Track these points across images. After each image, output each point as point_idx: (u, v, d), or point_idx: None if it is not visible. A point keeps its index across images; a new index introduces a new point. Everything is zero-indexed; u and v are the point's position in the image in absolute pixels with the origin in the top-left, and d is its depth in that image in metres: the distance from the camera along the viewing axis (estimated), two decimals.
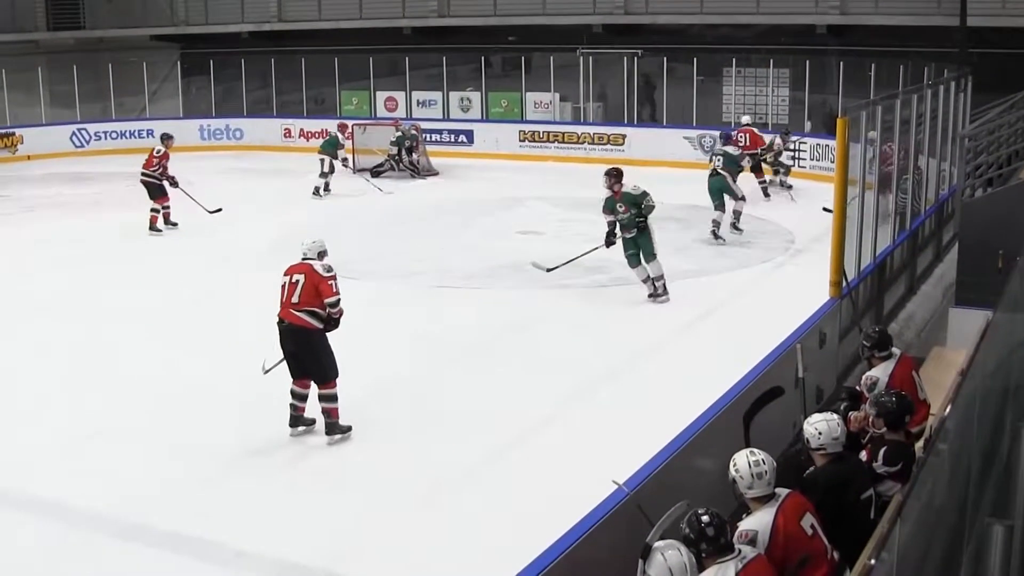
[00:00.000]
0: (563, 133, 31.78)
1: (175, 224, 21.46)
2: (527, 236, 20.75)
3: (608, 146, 30.89)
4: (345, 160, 25.82)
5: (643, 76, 31.55)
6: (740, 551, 6.08)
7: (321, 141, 26.41)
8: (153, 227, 21.45)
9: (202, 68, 37.03)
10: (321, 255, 11.19)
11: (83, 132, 35.45)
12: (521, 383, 12.83)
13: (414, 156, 28.85)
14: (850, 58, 27.83)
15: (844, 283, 12.38)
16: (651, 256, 16.26)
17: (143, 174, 21.64)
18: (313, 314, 10.96)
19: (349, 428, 11.18)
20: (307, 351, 11.03)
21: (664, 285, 16.37)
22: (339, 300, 10.98)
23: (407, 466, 10.62)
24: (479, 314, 15.73)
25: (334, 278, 11.01)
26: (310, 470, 10.70)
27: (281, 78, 35.71)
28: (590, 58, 32.14)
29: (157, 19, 38.74)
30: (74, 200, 25.56)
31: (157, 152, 21.75)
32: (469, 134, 33.20)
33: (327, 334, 11.06)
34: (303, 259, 11.15)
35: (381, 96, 35.17)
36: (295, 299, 10.90)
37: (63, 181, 29.52)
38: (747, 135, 24.10)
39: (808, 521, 6.61)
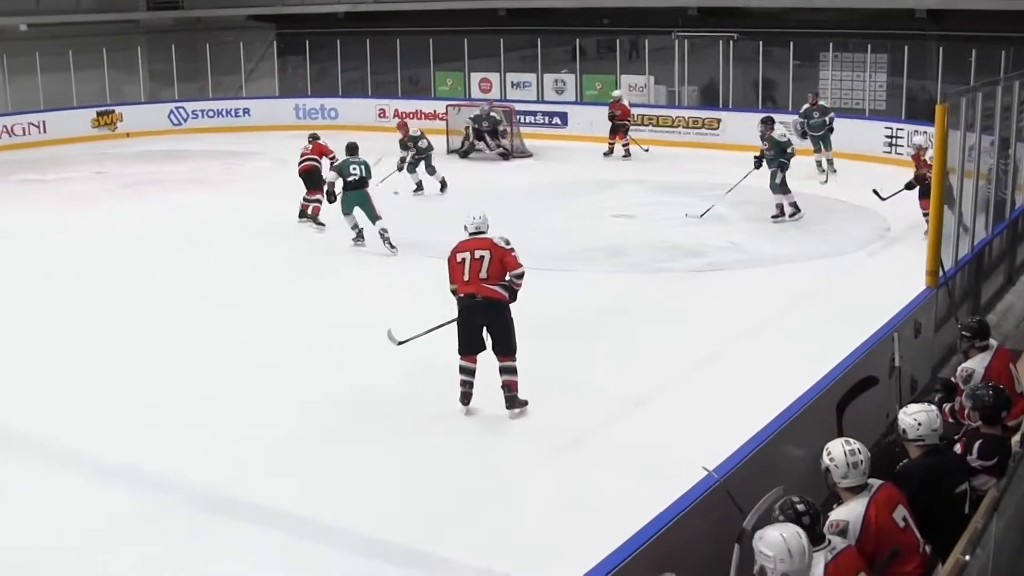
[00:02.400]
0: (657, 116, 31.32)
1: (322, 224, 20.66)
2: (620, 219, 20.67)
3: (703, 130, 30.66)
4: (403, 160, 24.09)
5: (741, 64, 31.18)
6: (830, 541, 6.01)
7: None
8: (304, 214, 20.96)
9: (298, 48, 37.25)
10: (487, 224, 11.48)
11: (181, 110, 35.95)
12: (612, 367, 12.83)
13: (500, 139, 28.79)
14: (950, 43, 27.30)
15: (941, 272, 12.20)
16: (776, 187, 19.79)
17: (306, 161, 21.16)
18: (502, 286, 11.19)
19: (526, 402, 11.43)
20: (499, 324, 11.23)
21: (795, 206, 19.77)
22: (524, 271, 11.26)
23: (492, 447, 10.81)
24: (571, 297, 15.63)
25: (514, 250, 11.26)
26: (413, 447, 10.82)
27: (376, 58, 35.71)
28: (685, 41, 31.80)
29: None
30: (171, 177, 25.91)
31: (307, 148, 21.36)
32: (563, 116, 32.87)
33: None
34: (475, 234, 11.39)
35: (476, 77, 35.04)
36: (483, 274, 11.11)
37: (161, 158, 29.92)
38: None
39: (900, 513, 6.53)
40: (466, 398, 11.45)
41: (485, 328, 11.29)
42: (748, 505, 6.34)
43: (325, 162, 21.06)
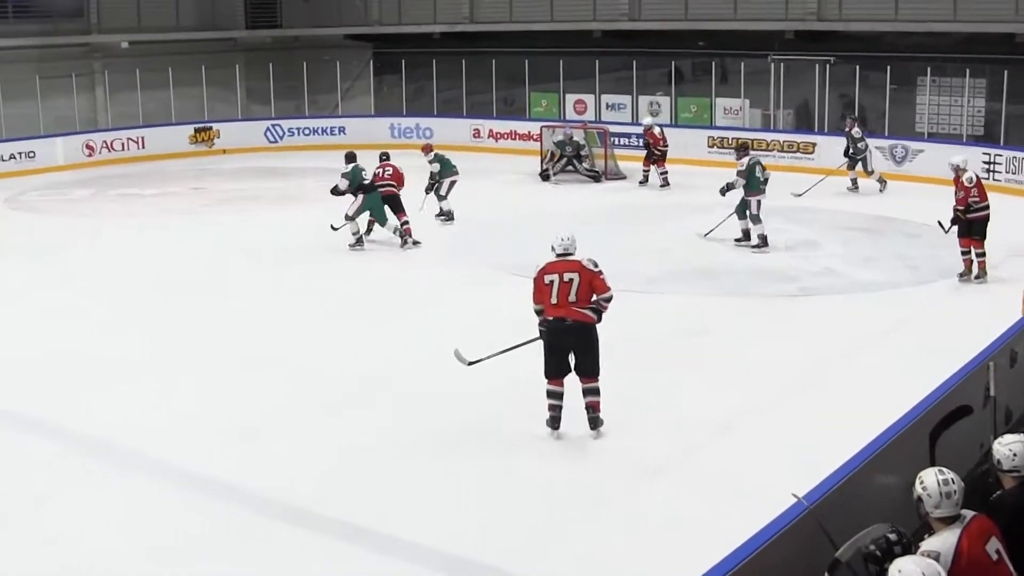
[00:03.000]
0: (752, 140, 29.86)
1: (418, 243, 21.10)
2: (712, 243, 20.52)
3: (798, 154, 30.21)
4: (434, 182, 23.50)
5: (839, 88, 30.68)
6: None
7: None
8: (406, 239, 21.17)
9: (394, 67, 37.37)
10: (575, 246, 11.43)
11: (277, 128, 36.20)
12: (700, 390, 12.80)
13: (585, 162, 28.79)
14: None
15: None
16: (745, 215, 19.82)
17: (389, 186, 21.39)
18: (591, 309, 11.19)
19: (603, 421, 11.37)
20: (587, 346, 11.18)
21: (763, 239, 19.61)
22: (612, 295, 11.28)
23: (586, 467, 10.80)
24: (660, 319, 15.63)
25: (603, 272, 11.26)
26: (499, 468, 10.85)
27: (471, 78, 35.72)
28: (781, 64, 31.45)
29: (351, 19, 38.97)
30: (267, 194, 26.20)
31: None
32: None
33: None
34: (563, 255, 11.35)
35: (571, 99, 34.75)
36: (572, 297, 11.08)
37: (256, 175, 30.22)
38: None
39: (994, 546, 6.36)
40: (555, 422, 11.38)
41: (572, 350, 11.22)
42: (838, 533, 6.25)
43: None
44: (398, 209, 20.95)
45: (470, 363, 11.74)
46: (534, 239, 13.87)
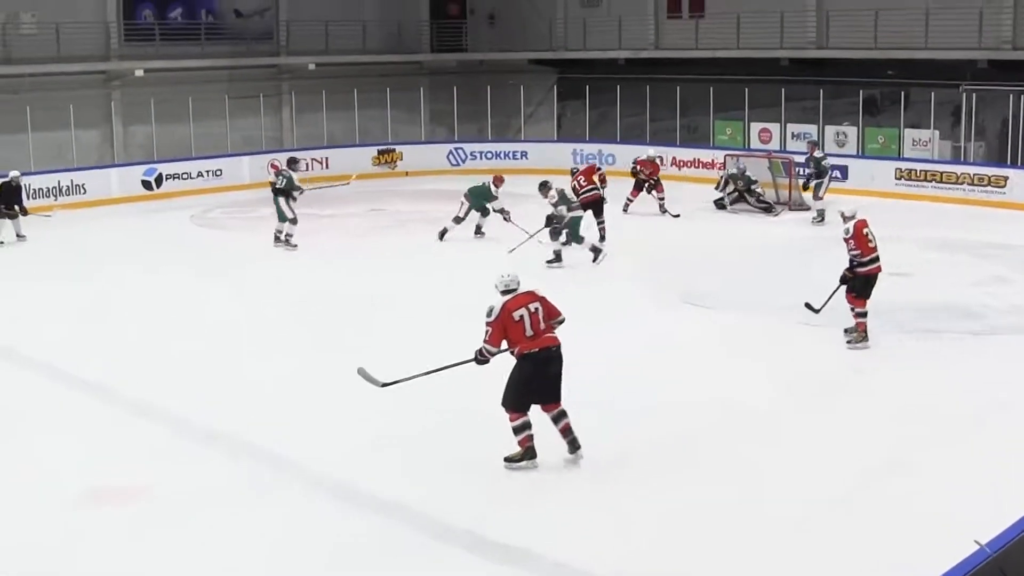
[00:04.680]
0: (941, 172, 30.21)
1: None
2: (893, 277, 19.34)
3: (988, 188, 29.33)
4: (504, 213, 23.84)
5: None
6: None
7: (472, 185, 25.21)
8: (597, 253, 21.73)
9: (577, 93, 37.46)
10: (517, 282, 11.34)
11: (459, 151, 36.62)
12: (872, 426, 12.56)
13: (754, 196, 28.57)
14: None
15: None
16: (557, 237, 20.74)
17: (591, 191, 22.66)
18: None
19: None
20: (561, 370, 11.21)
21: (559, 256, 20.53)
22: (564, 318, 11.31)
23: (761, 492, 10.71)
24: (830, 353, 15.40)
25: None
26: (661, 494, 10.74)
27: (655, 105, 35.78)
28: (973, 95, 30.57)
29: (536, 43, 39.28)
30: (445, 217, 25.87)
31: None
32: (843, 169, 31.43)
33: None
34: (516, 291, 11.22)
35: (755, 127, 34.43)
36: (542, 325, 11.08)
37: (436, 198, 30.01)
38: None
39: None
40: (533, 452, 11.31)
41: (553, 377, 11.21)
42: None
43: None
44: (600, 213, 22.24)
45: (383, 384, 11.52)
46: (702, 268, 13.65)
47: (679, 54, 36.06)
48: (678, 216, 27.27)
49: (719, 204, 28.21)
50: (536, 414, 11.24)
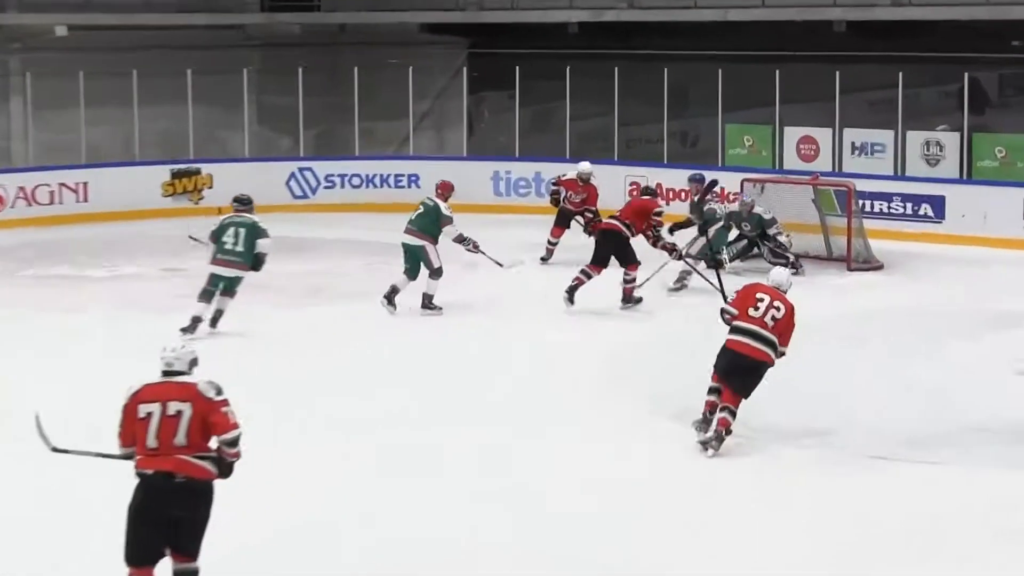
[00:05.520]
0: None
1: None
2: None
3: None
4: (466, 242, 20.05)
5: None
6: None
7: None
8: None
9: (500, 79, 29.96)
10: (192, 366, 9.09)
11: (307, 174, 28.44)
12: None
13: (770, 241, 22.63)
14: None
15: None
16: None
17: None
18: (210, 460, 8.84)
19: None
20: (195, 519, 8.77)
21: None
22: (240, 435, 8.89)
23: None
24: (946, 502, 11.92)
25: (227, 403, 8.87)
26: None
27: (628, 99, 27.92)
28: None
29: None
30: (286, 284, 20.67)
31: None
32: (938, 203, 24.59)
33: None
34: (169, 374, 9.00)
35: (792, 135, 26.91)
36: (180, 440, 8.69)
37: (285, 250, 22.66)
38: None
39: None
40: None
41: (171, 522, 8.84)
42: None
43: None
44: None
45: (53, 448, 9.19)
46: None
47: (667, 15, 28.45)
48: (519, 266, 22.00)
49: (714, 261, 20.63)
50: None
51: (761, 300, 13.10)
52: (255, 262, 17.34)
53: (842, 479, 12.17)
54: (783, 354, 13.02)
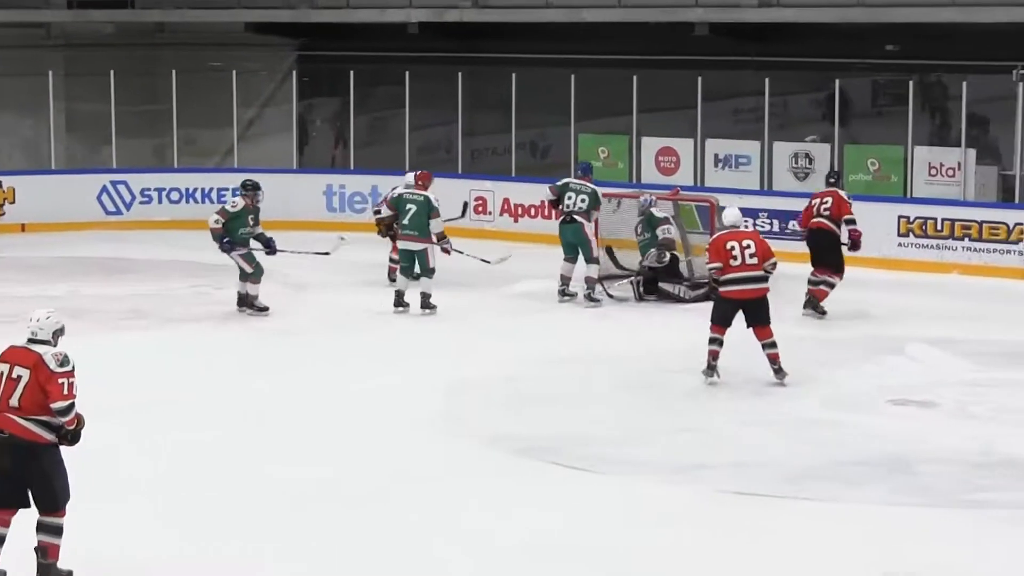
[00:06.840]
0: (982, 224, 23.81)
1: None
2: (907, 408, 15.88)
3: None
4: (443, 242, 20.50)
5: None
6: None
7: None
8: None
9: (333, 84, 30.13)
10: (57, 336, 9.84)
11: (119, 187, 27.77)
12: None
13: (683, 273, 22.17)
14: None
15: None
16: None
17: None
18: (43, 425, 9.65)
19: (70, 572, 9.73)
20: (38, 474, 9.66)
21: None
22: (72, 405, 9.71)
23: None
24: (823, 546, 11.66)
25: (70, 376, 9.68)
26: None
27: (473, 106, 28.67)
28: None
29: None
30: (100, 307, 20.27)
31: None
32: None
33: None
34: (33, 341, 9.83)
35: (651, 144, 26.88)
36: (15, 401, 9.55)
37: (82, 272, 23.48)
38: None
39: None
40: None
41: (11, 478, 9.53)
42: None
43: None
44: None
45: None
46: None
47: (515, 15, 28.18)
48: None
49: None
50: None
51: (733, 248, 15.05)
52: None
53: (714, 517, 12.15)
54: (775, 264, 15.26)
